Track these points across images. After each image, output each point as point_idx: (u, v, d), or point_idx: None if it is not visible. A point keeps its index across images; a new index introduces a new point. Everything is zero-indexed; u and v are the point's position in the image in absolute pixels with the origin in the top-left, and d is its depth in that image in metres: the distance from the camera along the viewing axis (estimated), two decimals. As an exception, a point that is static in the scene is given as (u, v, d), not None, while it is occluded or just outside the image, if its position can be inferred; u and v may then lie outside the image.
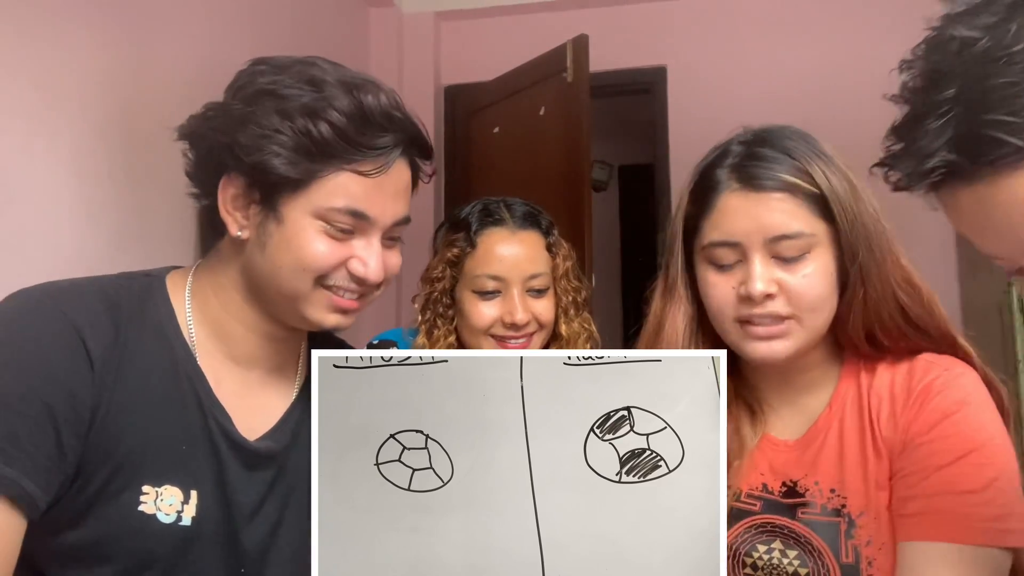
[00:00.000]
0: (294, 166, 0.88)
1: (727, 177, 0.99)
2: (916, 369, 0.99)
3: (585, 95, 3.04)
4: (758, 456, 1.04)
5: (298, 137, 0.88)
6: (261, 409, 0.99)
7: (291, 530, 0.98)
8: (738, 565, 1.00)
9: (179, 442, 0.92)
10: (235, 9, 2.59)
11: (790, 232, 0.95)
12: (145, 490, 0.89)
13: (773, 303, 0.96)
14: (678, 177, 3.65)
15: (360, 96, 0.91)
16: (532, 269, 1.43)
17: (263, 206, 0.92)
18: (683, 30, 3.68)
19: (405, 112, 0.95)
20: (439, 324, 1.46)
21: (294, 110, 0.88)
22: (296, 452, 1.00)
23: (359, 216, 0.92)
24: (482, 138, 3.62)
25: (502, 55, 3.53)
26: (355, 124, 0.90)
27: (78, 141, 1.91)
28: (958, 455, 0.92)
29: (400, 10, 3.88)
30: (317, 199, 0.90)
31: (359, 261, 0.93)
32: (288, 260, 0.92)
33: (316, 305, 0.94)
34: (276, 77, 0.91)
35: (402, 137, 0.94)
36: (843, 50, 3.47)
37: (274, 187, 0.90)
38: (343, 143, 0.89)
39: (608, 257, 5.24)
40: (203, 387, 0.95)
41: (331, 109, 0.89)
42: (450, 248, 1.46)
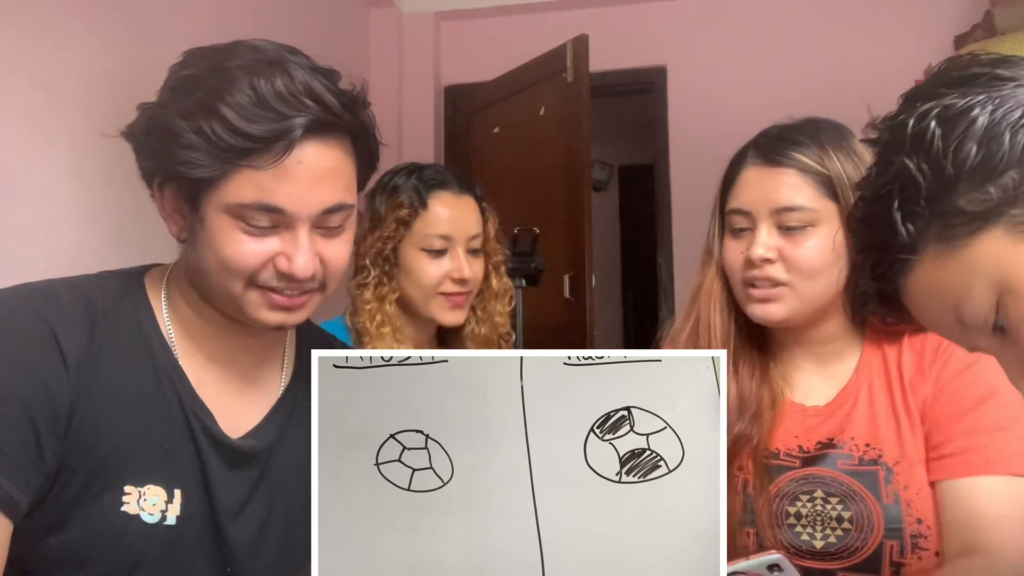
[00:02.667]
0: (200, 168, 0.84)
1: (753, 154, 1.10)
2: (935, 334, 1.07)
3: (585, 95, 3.04)
4: (790, 422, 1.10)
5: (197, 137, 0.83)
6: (245, 408, 0.98)
7: (277, 529, 0.98)
8: (781, 516, 1.04)
9: (161, 441, 0.91)
10: (235, 9, 2.59)
11: (793, 205, 1.05)
12: (127, 490, 0.88)
13: (772, 268, 1.06)
14: (678, 177, 3.65)
15: (257, 82, 0.83)
16: (474, 230, 1.54)
17: (190, 206, 0.89)
18: (683, 30, 3.68)
19: (314, 89, 0.86)
20: (385, 281, 1.51)
21: (193, 106, 0.84)
22: (282, 451, 0.99)
23: (272, 211, 0.86)
24: (482, 138, 3.62)
25: (502, 55, 3.53)
26: (246, 115, 0.83)
27: (78, 141, 1.91)
28: (983, 397, 1.02)
29: (400, 10, 3.88)
30: (227, 196, 0.86)
31: (283, 257, 0.88)
32: (213, 262, 0.89)
33: (253, 305, 0.91)
34: (188, 70, 0.87)
35: (305, 119, 0.85)
36: (843, 50, 3.47)
37: (192, 187, 0.87)
38: (237, 137, 0.83)
39: (608, 257, 5.24)
40: (184, 385, 0.93)
41: (222, 104, 0.83)
42: (400, 208, 1.51)
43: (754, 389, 1.09)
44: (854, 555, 1.00)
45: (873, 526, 1.00)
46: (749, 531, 1.03)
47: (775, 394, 1.11)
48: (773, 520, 1.03)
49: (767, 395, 1.10)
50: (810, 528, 1.02)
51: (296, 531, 0.98)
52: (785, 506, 1.04)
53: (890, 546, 0.99)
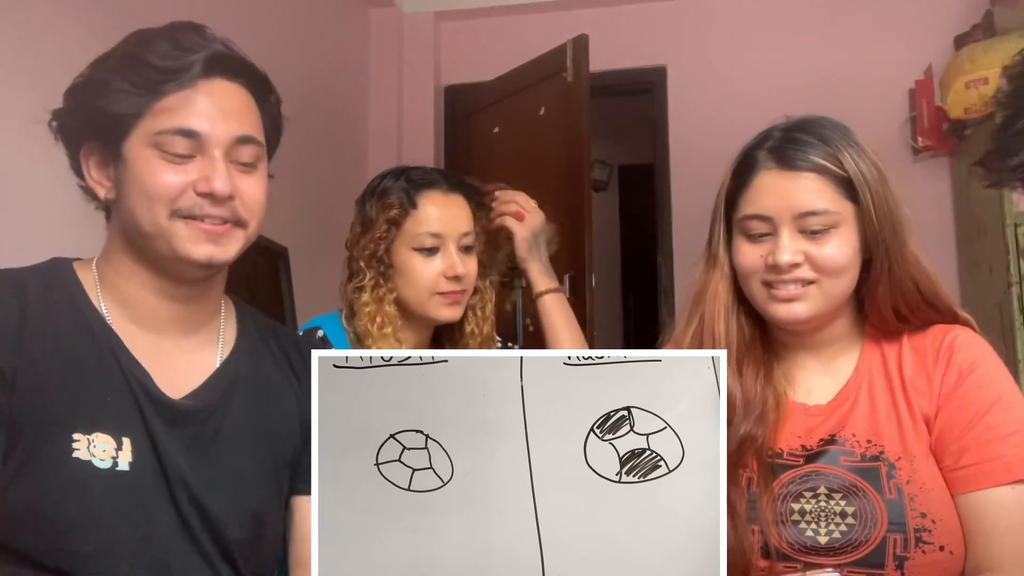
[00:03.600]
0: (122, 103, 0.95)
1: (765, 158, 1.09)
2: (934, 332, 1.11)
3: (585, 95, 3.04)
4: (793, 422, 1.11)
5: (123, 80, 0.95)
6: (182, 372, 1.02)
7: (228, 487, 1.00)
8: (786, 513, 1.04)
9: (104, 394, 0.96)
10: (235, 9, 2.59)
11: (817, 209, 1.05)
12: (76, 437, 0.93)
13: (799, 271, 1.07)
14: (678, 177, 3.65)
15: (173, 35, 0.98)
16: (465, 227, 1.54)
17: (114, 159, 0.97)
18: (683, 30, 3.68)
19: (219, 41, 1.01)
20: (381, 282, 1.51)
21: (117, 60, 0.98)
22: (225, 415, 1.02)
23: (189, 134, 0.96)
24: (482, 138, 3.62)
25: (502, 55, 3.52)
26: (164, 55, 0.96)
27: (78, 141, 1.91)
28: (992, 402, 1.03)
29: (400, 10, 3.87)
30: (148, 127, 0.95)
31: (202, 180, 0.96)
32: (138, 196, 0.96)
33: (179, 238, 0.97)
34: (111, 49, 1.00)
35: (208, 56, 0.98)
36: (843, 50, 3.47)
37: (114, 133, 0.96)
38: (158, 72, 0.95)
39: (608, 257, 5.24)
40: (119, 345, 0.99)
41: (146, 52, 0.96)
42: (390, 208, 1.52)
43: (759, 390, 1.10)
44: (858, 549, 1.00)
45: (876, 520, 1.00)
46: (754, 529, 1.03)
47: (779, 394, 1.12)
48: (777, 518, 1.03)
49: (771, 396, 1.11)
50: (814, 524, 1.02)
51: (248, 492, 1.02)
52: (789, 503, 1.04)
53: (894, 540, 0.99)
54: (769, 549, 1.02)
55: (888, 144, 3.22)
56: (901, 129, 3.38)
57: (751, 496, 1.05)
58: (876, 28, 3.46)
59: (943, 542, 0.99)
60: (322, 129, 3.36)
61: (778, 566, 1.02)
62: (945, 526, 1.00)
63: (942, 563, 0.99)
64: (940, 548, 0.99)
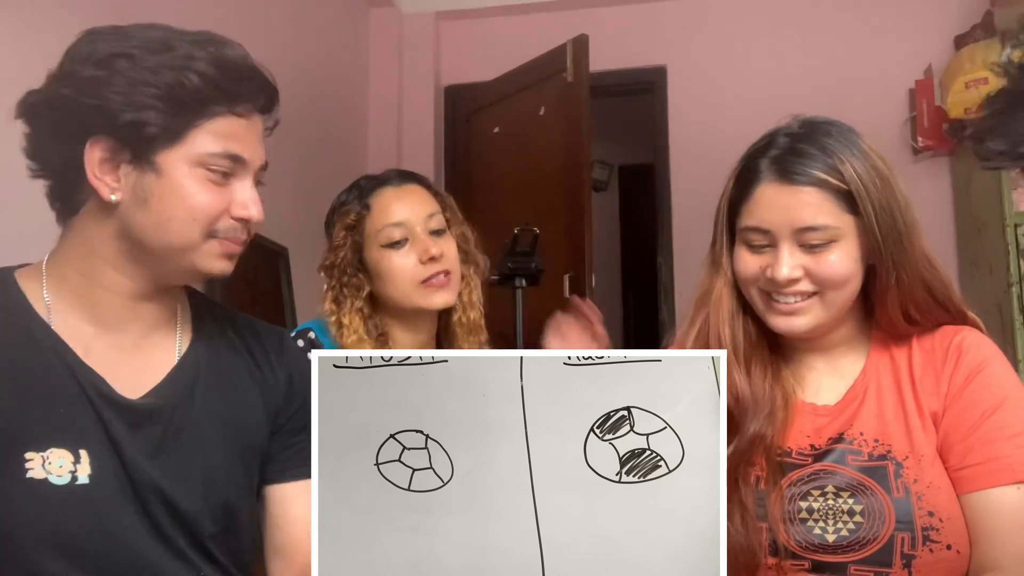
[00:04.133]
0: (169, 118, 0.92)
1: (767, 168, 1.08)
2: (943, 333, 1.12)
3: (585, 95, 3.04)
4: (801, 422, 1.11)
5: (169, 90, 0.92)
6: (141, 370, 1.00)
7: (196, 483, 0.99)
8: (794, 511, 1.04)
9: (56, 407, 0.93)
10: (235, 9, 2.59)
11: (816, 224, 1.04)
12: (28, 456, 0.91)
13: (798, 285, 1.07)
14: (678, 177, 3.65)
15: (217, 49, 0.96)
16: (428, 209, 1.53)
17: (136, 164, 0.94)
18: (683, 30, 3.68)
19: (256, 64, 1.00)
20: (345, 293, 1.51)
21: (157, 66, 0.92)
22: (189, 410, 1.01)
23: (235, 159, 0.97)
24: (482, 138, 3.62)
25: (502, 55, 3.52)
26: (222, 72, 0.95)
27: (78, 141, 1.91)
28: (998, 402, 1.04)
29: (400, 10, 3.87)
30: (196, 146, 0.94)
31: (240, 205, 0.98)
32: (177, 211, 0.95)
33: (206, 254, 0.98)
34: (120, 42, 0.95)
35: (261, 85, 1.00)
36: (843, 50, 3.47)
37: (147, 143, 0.93)
38: (215, 91, 0.94)
39: (608, 257, 5.23)
40: (69, 354, 0.96)
41: (196, 61, 0.93)
42: (347, 216, 1.53)
43: (767, 390, 1.10)
44: (866, 547, 1.00)
45: (884, 518, 1.01)
46: (762, 526, 1.03)
47: (787, 394, 1.12)
48: (786, 515, 1.04)
49: (780, 395, 1.11)
50: (822, 522, 1.03)
51: (219, 487, 1.01)
52: (797, 501, 1.04)
53: (901, 538, 1.00)
54: (777, 547, 1.02)
55: (888, 144, 3.21)
56: (901, 129, 3.38)
57: (759, 494, 1.05)
58: (876, 28, 3.46)
59: (950, 541, 0.99)
60: (322, 129, 3.36)
61: (786, 564, 1.02)
62: (953, 525, 1.00)
63: (949, 562, 0.99)
64: (947, 547, 0.99)
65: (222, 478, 1.02)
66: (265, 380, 1.09)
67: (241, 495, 1.05)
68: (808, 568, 1.02)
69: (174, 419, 1.00)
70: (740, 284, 1.13)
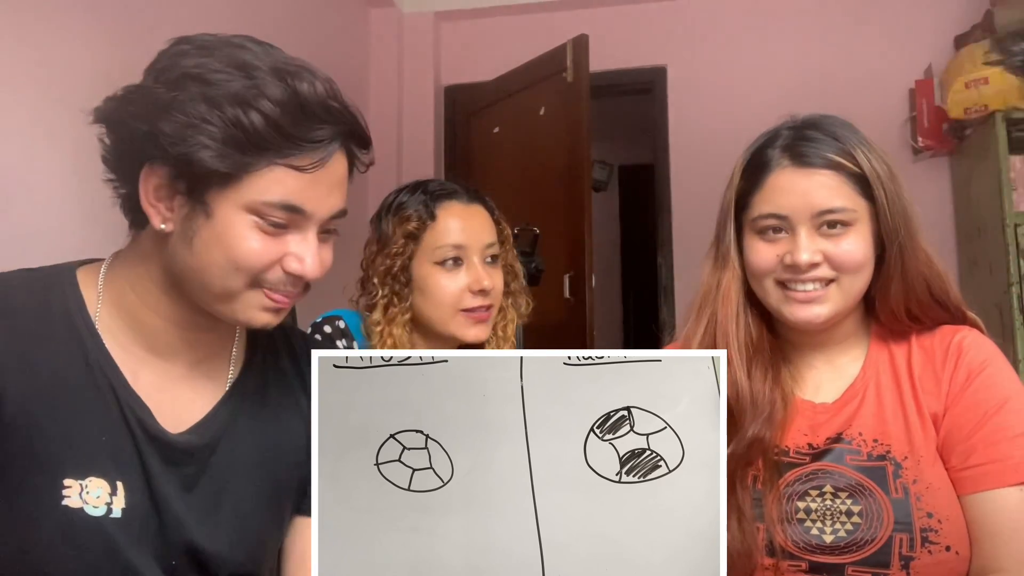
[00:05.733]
0: (224, 159, 0.83)
1: (779, 156, 1.08)
2: (943, 332, 1.11)
3: (585, 95, 3.04)
4: (799, 420, 1.11)
5: (228, 128, 0.82)
6: (187, 402, 0.95)
7: (226, 523, 0.95)
8: (791, 511, 1.04)
9: (99, 433, 0.88)
10: (235, 9, 2.59)
11: (834, 207, 1.05)
12: (67, 483, 0.86)
13: (819, 270, 1.06)
14: (678, 177, 3.65)
15: (295, 84, 0.85)
16: (488, 238, 1.47)
17: (189, 198, 0.86)
18: (683, 30, 3.68)
19: (343, 101, 0.90)
20: (395, 301, 1.44)
21: (223, 97, 0.83)
22: (228, 447, 0.96)
23: (295, 211, 0.87)
24: (482, 138, 3.62)
25: (502, 55, 3.52)
26: (290, 115, 0.84)
27: (79, 141, 1.91)
28: (1000, 403, 1.03)
29: (400, 10, 3.87)
30: (249, 193, 0.85)
31: (294, 259, 0.89)
32: (219, 257, 0.87)
33: (248, 305, 0.90)
34: (202, 60, 0.85)
35: (340, 129, 0.89)
36: (843, 50, 3.47)
37: (201, 179, 0.84)
38: (277, 135, 0.84)
39: (608, 257, 5.24)
40: (117, 378, 0.90)
41: (263, 98, 0.83)
42: (408, 222, 1.45)
43: (767, 392, 1.10)
44: (863, 548, 1.00)
45: (883, 520, 1.00)
46: (759, 527, 1.03)
47: (786, 394, 1.11)
48: (783, 515, 1.03)
49: (779, 396, 1.10)
50: (820, 523, 1.03)
51: (248, 526, 0.97)
52: (795, 502, 1.04)
53: (899, 539, 0.99)
54: (774, 547, 1.02)
55: (888, 144, 3.18)
56: (901, 129, 3.38)
57: (756, 494, 1.05)
58: (876, 28, 3.46)
59: (949, 542, 0.99)
60: (322, 129, 3.36)
61: (783, 564, 1.02)
62: (952, 526, 1.00)
63: (948, 563, 0.99)
64: (946, 548, 0.99)
65: (252, 519, 0.97)
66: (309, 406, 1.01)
67: (269, 535, 1.00)
68: (805, 569, 1.01)
69: (211, 460, 0.95)
70: (751, 278, 1.12)
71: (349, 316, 1.49)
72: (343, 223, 0.95)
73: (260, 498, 0.98)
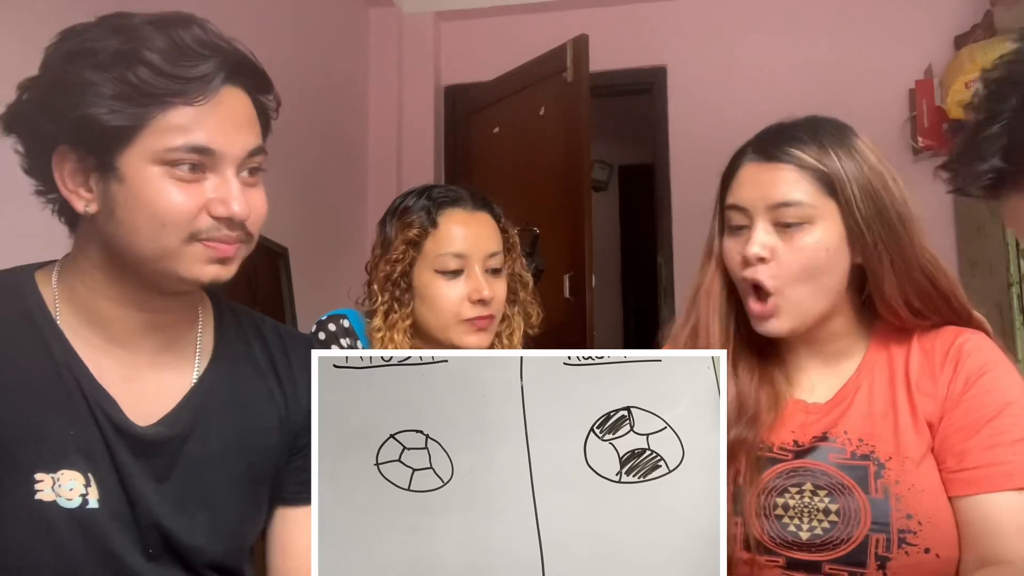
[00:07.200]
0: (118, 114, 0.84)
1: (750, 151, 1.09)
2: (945, 334, 1.10)
3: (585, 95, 3.04)
4: (789, 418, 1.10)
5: (115, 84, 0.83)
6: (155, 393, 0.95)
7: (198, 514, 0.96)
8: (769, 507, 1.04)
9: (67, 427, 0.89)
10: (235, 9, 2.59)
11: (790, 200, 1.04)
12: (39, 477, 0.87)
13: (765, 268, 1.05)
14: (678, 177, 3.65)
15: (171, 31, 0.86)
16: (492, 247, 1.45)
17: (100, 171, 0.87)
18: (683, 30, 3.68)
19: (226, 40, 0.90)
20: (396, 308, 1.44)
21: (107, 60, 0.84)
22: (199, 438, 0.96)
23: (202, 151, 0.86)
24: (482, 138, 3.62)
25: (502, 55, 3.53)
26: (170, 58, 0.85)
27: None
28: (1000, 408, 1.02)
29: (400, 10, 3.88)
30: (152, 143, 0.85)
31: (218, 202, 0.88)
32: (143, 218, 0.86)
33: (191, 261, 0.89)
34: (82, 36, 0.87)
35: (223, 62, 0.88)
36: (843, 50, 3.47)
37: (105, 144, 0.85)
38: (163, 78, 0.84)
39: (608, 257, 5.24)
40: (83, 372, 0.91)
41: (144, 49, 0.84)
42: (410, 228, 1.44)
43: (752, 392, 1.09)
44: (839, 547, 1.00)
45: (860, 519, 1.00)
46: (737, 520, 1.03)
47: (778, 394, 1.10)
48: (761, 511, 1.03)
49: (765, 397, 1.09)
50: (797, 520, 1.02)
51: (224, 514, 0.97)
52: (774, 497, 1.04)
53: (876, 539, 0.99)
54: (750, 541, 1.02)
55: (888, 144, 3.21)
56: (901, 129, 3.38)
57: (737, 489, 1.05)
58: (876, 28, 3.46)
59: (928, 544, 0.98)
60: (322, 129, 3.36)
61: (760, 559, 1.02)
62: (933, 529, 0.99)
63: (927, 566, 0.98)
64: (925, 551, 0.98)
65: (227, 508, 0.98)
66: (286, 401, 1.03)
67: (246, 523, 1.01)
68: (783, 565, 1.01)
69: (183, 450, 0.95)
70: (730, 273, 1.11)
71: (354, 315, 1.49)
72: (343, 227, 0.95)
73: (235, 485, 0.99)
